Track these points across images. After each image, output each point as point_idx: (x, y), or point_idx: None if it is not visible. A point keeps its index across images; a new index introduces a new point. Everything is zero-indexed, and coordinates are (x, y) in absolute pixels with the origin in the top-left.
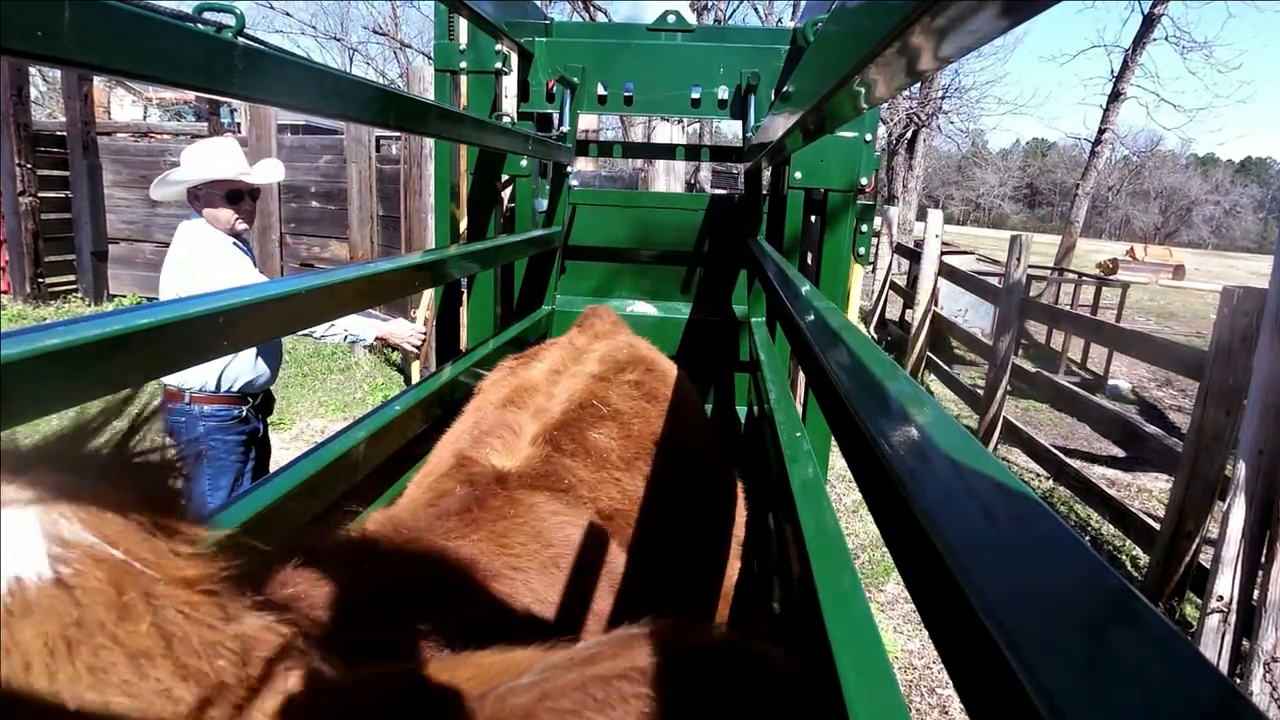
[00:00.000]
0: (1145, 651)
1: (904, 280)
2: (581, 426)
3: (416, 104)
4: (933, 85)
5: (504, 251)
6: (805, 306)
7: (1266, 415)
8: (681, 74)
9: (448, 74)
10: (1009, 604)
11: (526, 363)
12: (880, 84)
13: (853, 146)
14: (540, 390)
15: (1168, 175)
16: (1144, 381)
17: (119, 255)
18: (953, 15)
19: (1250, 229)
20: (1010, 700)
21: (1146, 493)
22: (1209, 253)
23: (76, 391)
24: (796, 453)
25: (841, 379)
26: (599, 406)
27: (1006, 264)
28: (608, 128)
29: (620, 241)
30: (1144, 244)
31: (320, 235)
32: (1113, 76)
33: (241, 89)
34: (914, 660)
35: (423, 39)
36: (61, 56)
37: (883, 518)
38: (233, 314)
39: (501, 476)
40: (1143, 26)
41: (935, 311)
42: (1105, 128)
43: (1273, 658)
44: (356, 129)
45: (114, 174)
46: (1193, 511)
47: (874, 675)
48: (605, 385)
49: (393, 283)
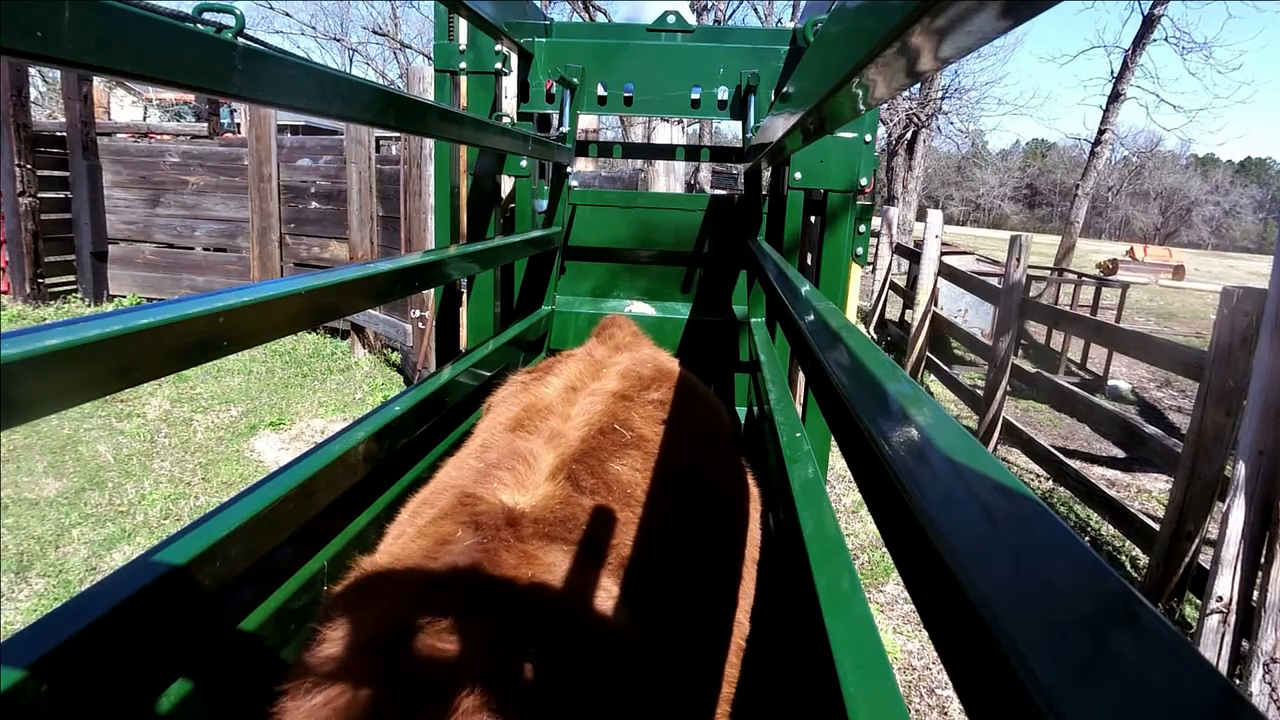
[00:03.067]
0: (1145, 652)
1: (904, 280)
2: (602, 457)
3: (416, 104)
4: (932, 86)
5: (504, 252)
6: (805, 307)
7: (1266, 416)
8: (681, 74)
9: (448, 74)
10: (1009, 604)
11: (540, 378)
12: (880, 84)
13: (852, 147)
14: (555, 411)
15: (1167, 176)
16: (1144, 382)
17: (119, 255)
18: (953, 15)
19: (1250, 229)
20: (1010, 701)
21: (1146, 493)
22: (1209, 253)
23: (76, 391)
24: (796, 453)
25: (841, 379)
26: (621, 431)
27: (1006, 264)
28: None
29: (620, 242)
30: (1144, 244)
31: (320, 235)
32: (1112, 77)
33: (241, 89)
34: (913, 660)
35: (423, 39)
36: (61, 56)
37: (883, 518)
38: (233, 314)
39: (513, 518)
40: (1142, 27)
41: (935, 312)
42: (1105, 128)
43: (1272, 658)
44: (356, 129)
45: (114, 174)
46: (1192, 512)
47: (873, 675)
48: (628, 405)
49: (392, 283)
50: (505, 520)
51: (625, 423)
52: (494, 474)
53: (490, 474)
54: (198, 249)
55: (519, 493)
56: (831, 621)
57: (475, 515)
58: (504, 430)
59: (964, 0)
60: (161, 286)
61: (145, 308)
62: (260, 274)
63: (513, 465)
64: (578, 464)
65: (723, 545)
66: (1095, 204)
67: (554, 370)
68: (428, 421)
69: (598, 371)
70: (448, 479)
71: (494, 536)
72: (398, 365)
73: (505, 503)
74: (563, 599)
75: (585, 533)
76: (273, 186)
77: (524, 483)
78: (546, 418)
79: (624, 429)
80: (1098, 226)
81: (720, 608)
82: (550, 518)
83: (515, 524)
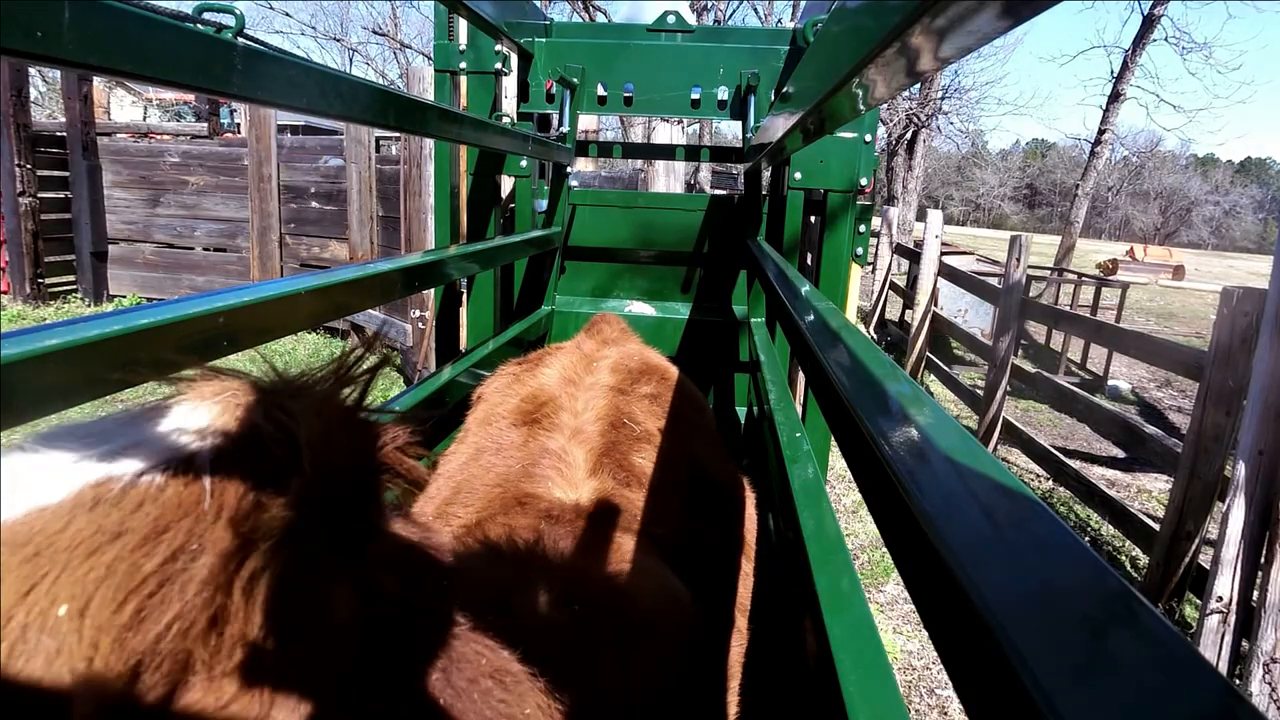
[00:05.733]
0: (1145, 652)
1: (904, 280)
2: (624, 450)
3: (416, 104)
4: (932, 86)
5: (504, 252)
6: (805, 307)
7: (1266, 416)
8: (681, 75)
9: (448, 74)
10: (1009, 604)
11: (532, 369)
12: (880, 84)
13: (852, 147)
14: (563, 405)
15: (1167, 176)
16: (1144, 382)
17: (119, 255)
18: (953, 15)
19: (1250, 229)
20: (1010, 700)
21: (1146, 493)
22: (1209, 253)
23: (76, 391)
24: (796, 453)
25: (841, 379)
26: (631, 426)
27: (1006, 264)
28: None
29: (620, 242)
30: (1144, 244)
31: (320, 236)
32: (1112, 77)
33: (241, 89)
34: (913, 660)
35: (423, 39)
36: (61, 56)
37: (883, 518)
38: (233, 314)
39: (581, 511)
40: (1142, 27)
41: (935, 312)
42: (1105, 128)
43: (1272, 658)
44: (356, 129)
45: (114, 174)
46: (1192, 512)
47: (873, 675)
48: (626, 399)
49: (392, 283)
50: (575, 514)
51: (630, 416)
52: (537, 473)
53: (533, 473)
54: (198, 249)
55: (570, 489)
56: (831, 621)
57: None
58: (510, 425)
59: (964, 0)
60: (161, 286)
61: (145, 308)
62: (260, 274)
63: (554, 464)
64: (607, 458)
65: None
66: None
67: (545, 362)
68: (427, 422)
69: (589, 365)
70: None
71: (573, 526)
72: (398, 365)
73: (564, 499)
74: (650, 574)
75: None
76: (273, 186)
77: (571, 480)
78: (558, 412)
79: (631, 423)
80: (1098, 226)
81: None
82: (607, 509)
83: (584, 516)
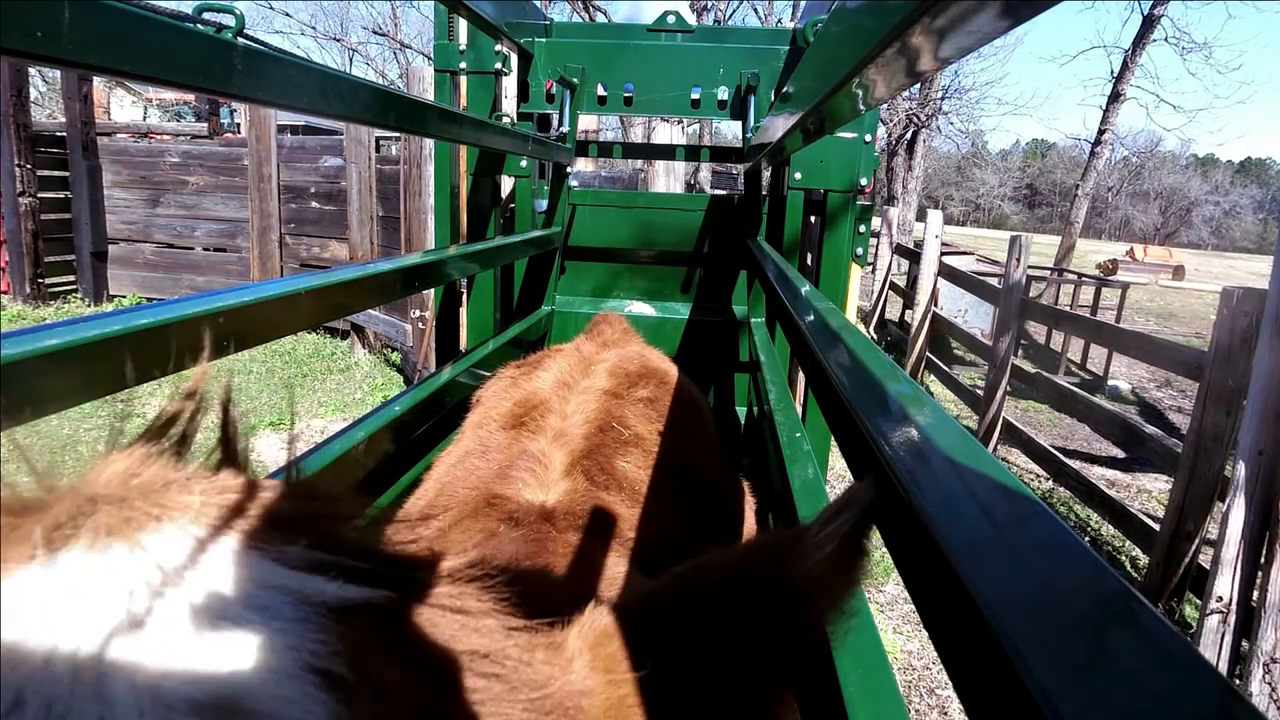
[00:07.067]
0: (1145, 652)
1: (904, 281)
2: (608, 454)
3: (416, 104)
4: (932, 86)
5: (504, 252)
6: (805, 307)
7: (1266, 416)
8: (681, 75)
9: (448, 74)
10: (1009, 604)
11: (529, 372)
12: (880, 84)
13: (852, 147)
14: (552, 409)
15: (1167, 176)
16: (1143, 382)
17: (119, 255)
18: (953, 15)
19: (1250, 229)
20: (1010, 700)
21: (1146, 493)
22: (1209, 253)
23: (76, 391)
24: (796, 453)
25: (841, 379)
26: (619, 429)
27: (1006, 264)
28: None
29: (620, 242)
30: (1144, 244)
31: (320, 236)
32: (1112, 77)
33: (241, 89)
34: (913, 660)
35: (423, 39)
36: (61, 56)
37: (883, 518)
38: (233, 314)
39: (546, 513)
40: (1142, 27)
41: (935, 312)
42: (1105, 128)
43: (1272, 658)
44: (356, 129)
45: (114, 174)
46: (1192, 512)
47: (873, 675)
48: (620, 403)
49: (392, 283)
50: (540, 516)
51: (621, 420)
52: (512, 475)
53: (508, 475)
54: (198, 249)
55: (541, 491)
56: None
57: (510, 513)
58: (500, 428)
59: (964, 0)
60: (161, 286)
61: (145, 308)
62: (260, 274)
63: (529, 465)
64: (588, 461)
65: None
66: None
67: (543, 365)
68: (427, 421)
69: (587, 368)
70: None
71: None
72: (398, 365)
73: (532, 501)
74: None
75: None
76: (273, 186)
77: (543, 481)
78: (545, 415)
79: (621, 426)
80: (1098, 227)
81: None
82: (576, 511)
83: (550, 519)
